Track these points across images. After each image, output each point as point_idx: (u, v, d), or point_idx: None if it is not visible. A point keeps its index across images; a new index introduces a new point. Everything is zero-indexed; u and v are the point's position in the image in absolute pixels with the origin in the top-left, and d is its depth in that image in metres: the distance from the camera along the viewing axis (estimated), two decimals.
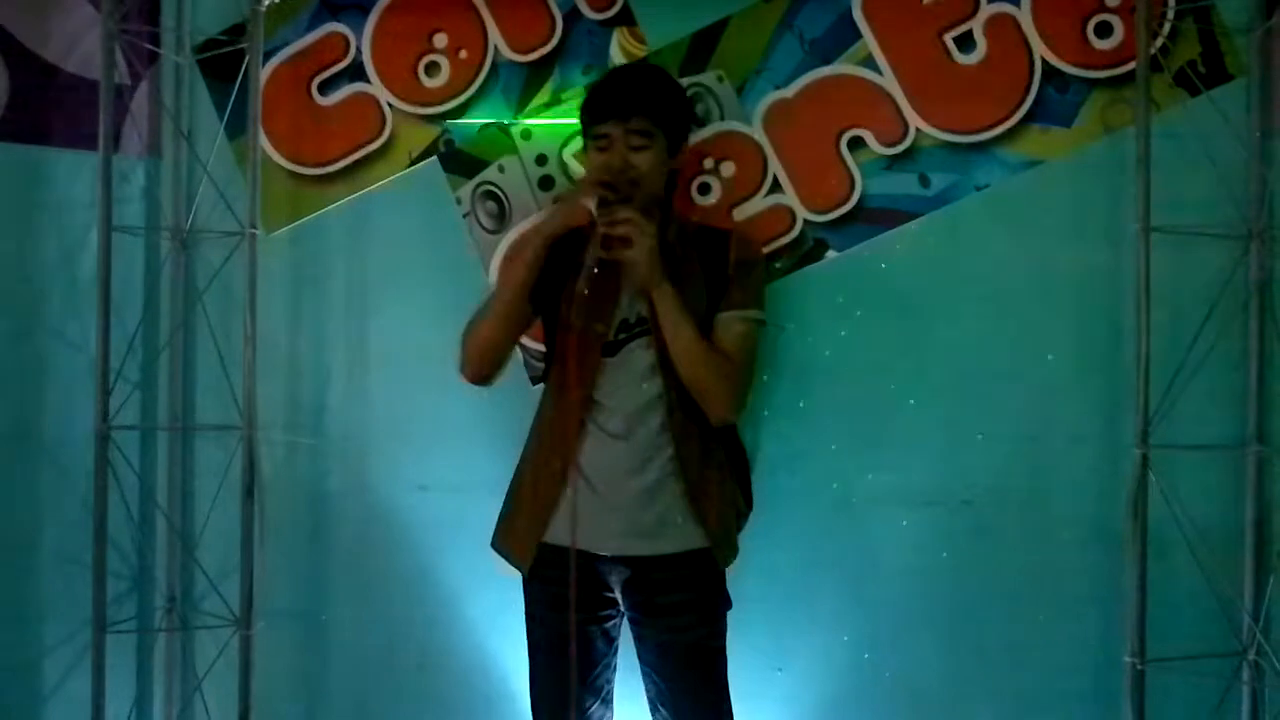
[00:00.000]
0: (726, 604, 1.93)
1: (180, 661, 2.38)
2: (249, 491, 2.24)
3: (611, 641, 1.93)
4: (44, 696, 2.33)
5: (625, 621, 1.93)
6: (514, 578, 1.94)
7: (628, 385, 1.85)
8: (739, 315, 1.87)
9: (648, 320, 1.84)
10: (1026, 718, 2.17)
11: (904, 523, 2.17)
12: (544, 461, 1.89)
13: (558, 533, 1.85)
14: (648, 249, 1.75)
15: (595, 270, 1.75)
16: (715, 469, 1.90)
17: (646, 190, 1.84)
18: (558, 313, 1.87)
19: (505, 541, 1.96)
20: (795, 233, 2.19)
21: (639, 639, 1.91)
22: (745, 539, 1.98)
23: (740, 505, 2.00)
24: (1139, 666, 1.99)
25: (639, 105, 1.84)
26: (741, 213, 2.19)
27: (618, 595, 1.90)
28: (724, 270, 1.88)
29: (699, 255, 1.89)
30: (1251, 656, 2.08)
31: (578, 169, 2.25)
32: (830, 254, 2.19)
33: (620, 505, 1.83)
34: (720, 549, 1.89)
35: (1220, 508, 2.11)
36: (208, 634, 2.30)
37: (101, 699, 2.18)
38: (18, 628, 2.32)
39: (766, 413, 2.18)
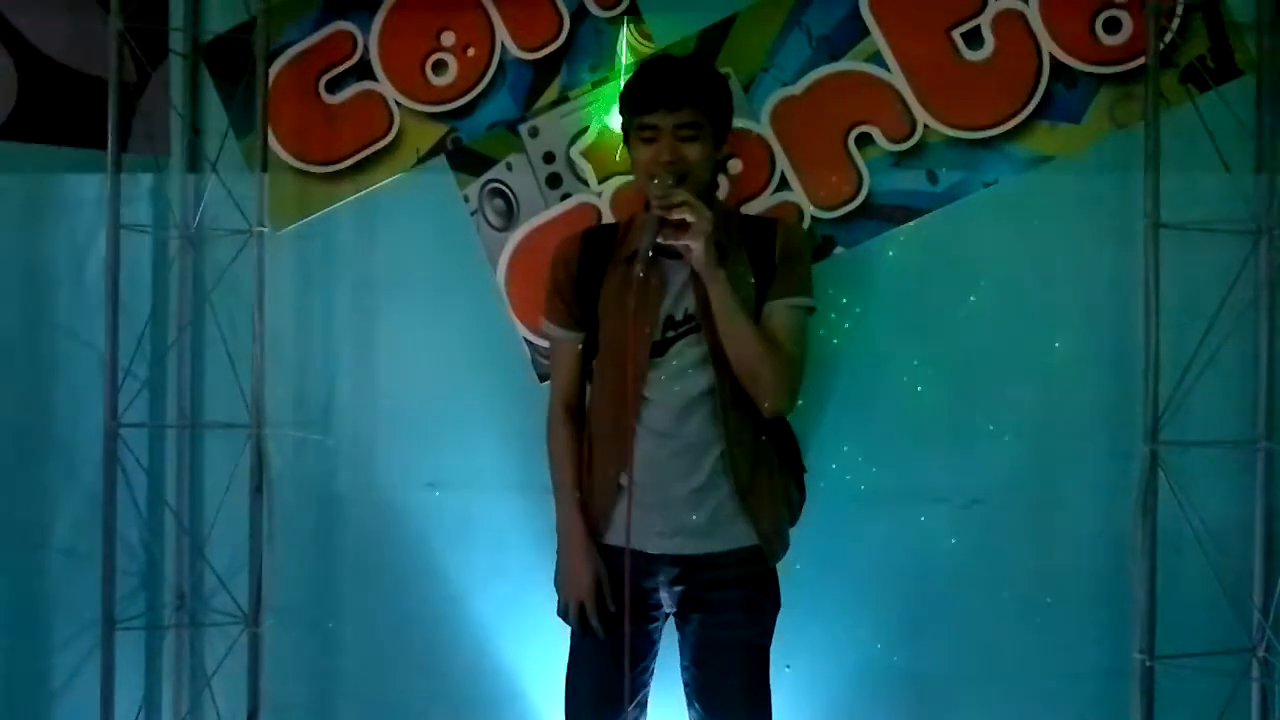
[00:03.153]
0: (776, 604, 1.90)
1: (189, 659, 2.38)
2: (258, 489, 2.25)
3: (653, 645, 1.91)
4: (54, 693, 2.34)
5: (665, 622, 1.91)
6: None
7: (675, 380, 1.82)
8: (788, 303, 1.84)
9: (695, 318, 1.82)
10: (1035, 714, 2.17)
11: (912, 520, 2.17)
12: (601, 469, 1.87)
13: (611, 535, 1.85)
14: (705, 233, 1.71)
15: (650, 254, 1.69)
16: (766, 465, 1.87)
17: (696, 182, 1.80)
18: (597, 317, 1.87)
19: None
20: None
21: (684, 634, 1.89)
22: None
23: (794, 497, 1.96)
24: (1148, 663, 1.99)
25: (688, 95, 1.80)
26: (749, 210, 2.18)
27: (663, 596, 1.87)
28: (771, 259, 1.85)
29: (747, 245, 1.86)
30: (1261, 653, 2.07)
31: (586, 167, 2.25)
32: (838, 250, 2.19)
33: (670, 504, 1.81)
34: (771, 546, 1.87)
35: (1230, 504, 2.11)
36: (217, 631, 2.31)
37: (110, 695, 2.19)
38: (28, 624, 2.34)
39: None
